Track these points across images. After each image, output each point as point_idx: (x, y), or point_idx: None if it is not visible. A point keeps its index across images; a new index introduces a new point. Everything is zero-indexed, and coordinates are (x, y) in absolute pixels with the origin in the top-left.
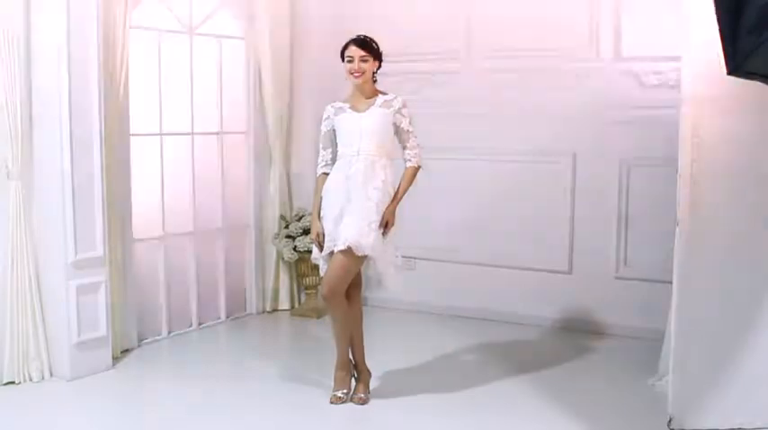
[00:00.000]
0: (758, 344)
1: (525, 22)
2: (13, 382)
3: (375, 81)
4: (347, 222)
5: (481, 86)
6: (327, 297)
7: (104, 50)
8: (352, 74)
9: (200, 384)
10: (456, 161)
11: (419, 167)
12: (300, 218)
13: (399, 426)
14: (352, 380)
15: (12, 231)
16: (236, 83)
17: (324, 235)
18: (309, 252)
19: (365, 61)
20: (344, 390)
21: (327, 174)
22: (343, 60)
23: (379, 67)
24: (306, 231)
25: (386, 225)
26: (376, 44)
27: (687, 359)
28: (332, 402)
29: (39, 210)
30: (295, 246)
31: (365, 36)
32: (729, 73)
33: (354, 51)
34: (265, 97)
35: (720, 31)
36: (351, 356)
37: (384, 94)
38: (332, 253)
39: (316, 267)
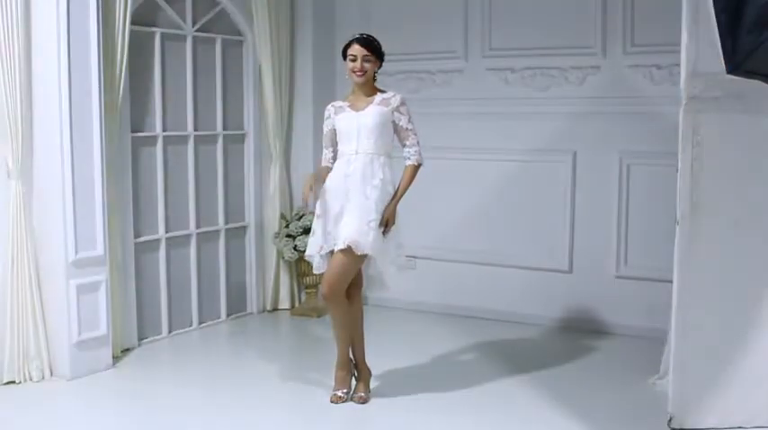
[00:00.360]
0: (758, 344)
1: (526, 21)
2: (13, 382)
3: (375, 80)
4: (346, 221)
5: (482, 85)
6: (327, 296)
7: (104, 50)
8: (354, 72)
9: (201, 383)
10: (456, 160)
11: (420, 165)
12: (301, 217)
13: (400, 425)
14: (353, 379)
15: (12, 230)
16: (236, 83)
17: (315, 192)
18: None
19: (368, 61)
20: (345, 390)
21: (329, 167)
22: (344, 58)
23: (380, 66)
24: (306, 230)
25: (386, 224)
26: (378, 43)
27: (687, 358)
28: (332, 401)
29: (39, 209)
30: (295, 246)
31: (368, 35)
32: (729, 72)
33: (357, 50)
34: (266, 97)
35: (720, 30)
36: (351, 355)
37: (383, 92)
38: (332, 252)
39: None
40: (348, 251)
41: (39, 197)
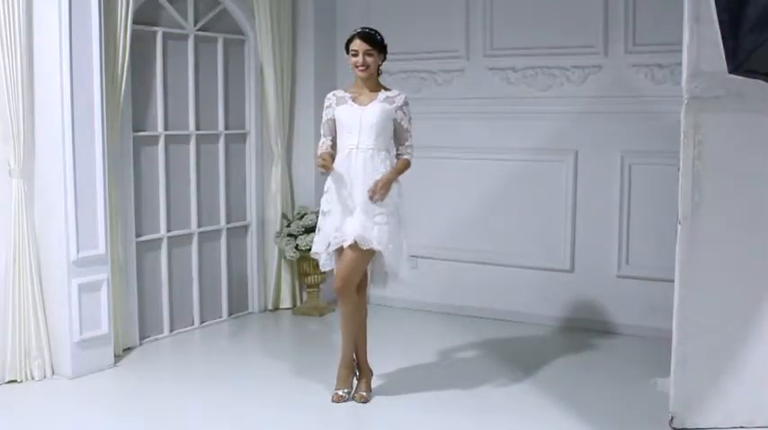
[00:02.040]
0: (760, 343)
1: (528, 20)
2: (14, 380)
3: (380, 74)
4: (352, 217)
5: (483, 85)
6: (340, 289)
7: (105, 49)
8: (356, 67)
9: (202, 383)
10: (458, 159)
11: (410, 164)
12: (302, 216)
13: (401, 425)
14: (354, 378)
15: (14, 229)
16: (237, 82)
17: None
18: (311, 250)
19: (370, 55)
20: (346, 389)
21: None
22: (347, 53)
23: (384, 59)
24: (307, 230)
25: (376, 192)
26: (381, 36)
27: (689, 357)
28: (333, 400)
29: (41, 208)
30: (297, 245)
31: (370, 29)
32: (731, 71)
33: (359, 45)
34: (267, 96)
35: (721, 29)
36: (353, 355)
37: (387, 89)
38: (339, 249)
39: (317, 265)
40: (355, 246)
41: (40, 196)
